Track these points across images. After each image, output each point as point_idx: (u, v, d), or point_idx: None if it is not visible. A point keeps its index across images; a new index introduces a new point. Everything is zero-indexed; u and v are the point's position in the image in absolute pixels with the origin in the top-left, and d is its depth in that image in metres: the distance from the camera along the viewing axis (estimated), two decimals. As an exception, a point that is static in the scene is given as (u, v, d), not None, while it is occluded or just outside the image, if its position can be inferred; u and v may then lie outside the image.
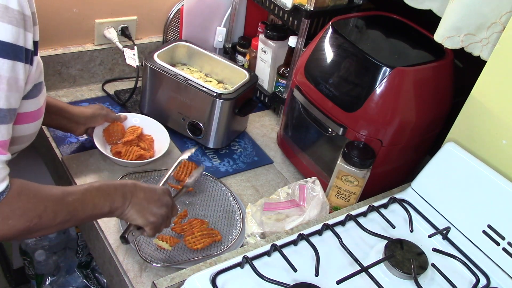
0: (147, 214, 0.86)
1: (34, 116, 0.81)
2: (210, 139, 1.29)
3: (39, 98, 0.80)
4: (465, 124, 0.99)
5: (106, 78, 1.51)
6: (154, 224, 0.88)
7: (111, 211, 0.83)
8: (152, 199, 0.87)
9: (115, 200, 0.83)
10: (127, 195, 0.84)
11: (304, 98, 1.16)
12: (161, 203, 0.88)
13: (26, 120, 0.80)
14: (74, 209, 0.77)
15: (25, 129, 0.81)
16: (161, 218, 0.88)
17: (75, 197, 0.78)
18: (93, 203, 0.80)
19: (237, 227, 1.09)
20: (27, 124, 0.80)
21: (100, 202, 0.81)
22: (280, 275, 0.79)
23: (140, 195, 0.86)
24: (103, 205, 0.81)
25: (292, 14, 1.30)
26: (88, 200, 0.79)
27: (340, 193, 1.07)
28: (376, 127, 1.05)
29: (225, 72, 1.38)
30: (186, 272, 0.82)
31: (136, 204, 0.85)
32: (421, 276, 0.84)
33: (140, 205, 0.85)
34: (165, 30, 1.56)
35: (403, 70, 1.02)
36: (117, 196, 0.83)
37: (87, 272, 1.70)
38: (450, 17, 0.93)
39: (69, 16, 1.38)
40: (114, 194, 0.83)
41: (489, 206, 0.91)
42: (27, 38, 0.69)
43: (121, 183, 0.86)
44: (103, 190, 0.82)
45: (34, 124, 0.82)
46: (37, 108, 0.81)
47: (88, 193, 0.80)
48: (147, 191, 0.88)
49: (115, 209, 0.83)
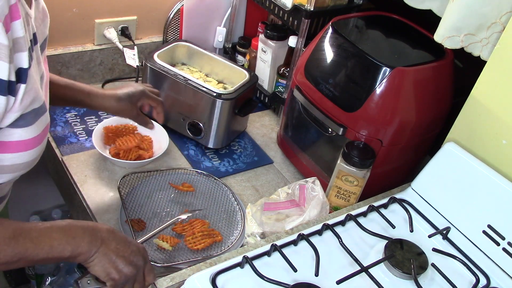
0: (111, 268, 0.77)
1: (27, 145, 0.74)
2: (210, 139, 1.29)
3: (33, 127, 0.74)
4: (465, 124, 0.99)
5: (106, 78, 1.51)
6: (116, 282, 0.78)
7: (73, 256, 0.74)
8: (122, 253, 0.78)
9: (79, 246, 0.74)
10: (96, 242, 0.76)
11: (304, 98, 1.16)
12: (129, 261, 0.78)
13: (17, 148, 0.73)
14: (24, 250, 0.70)
15: (16, 158, 0.74)
16: (124, 278, 0.78)
17: (30, 237, 0.71)
18: (51, 246, 0.72)
19: (238, 228, 1.09)
20: (19, 153, 0.74)
21: (60, 246, 0.73)
22: (280, 275, 0.79)
23: (111, 246, 0.77)
24: (63, 249, 0.73)
25: (292, 14, 1.30)
26: (45, 241, 0.71)
27: (340, 193, 1.07)
28: (376, 127, 1.05)
29: (225, 72, 1.38)
30: (186, 272, 0.82)
31: (103, 254, 0.76)
32: (421, 276, 0.84)
33: (107, 256, 0.76)
34: (165, 30, 1.56)
35: (403, 70, 1.02)
36: (84, 242, 0.74)
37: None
38: (450, 17, 0.93)
39: (69, 16, 1.38)
40: (80, 239, 0.74)
41: (489, 206, 0.91)
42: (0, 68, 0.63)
43: (94, 227, 0.77)
44: (68, 232, 0.74)
45: (28, 153, 0.75)
46: (32, 137, 0.74)
47: (47, 233, 0.72)
48: (120, 243, 0.78)
49: (78, 254, 0.74)
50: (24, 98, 0.69)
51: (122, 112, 1.12)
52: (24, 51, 0.68)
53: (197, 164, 1.27)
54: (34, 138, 0.75)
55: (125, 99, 1.10)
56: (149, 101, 1.15)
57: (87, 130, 1.29)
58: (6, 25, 0.63)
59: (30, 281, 1.80)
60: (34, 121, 0.74)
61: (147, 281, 0.82)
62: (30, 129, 0.73)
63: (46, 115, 0.77)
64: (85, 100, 1.06)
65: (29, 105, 0.71)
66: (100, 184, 1.14)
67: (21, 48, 0.67)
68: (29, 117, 0.72)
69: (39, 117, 0.75)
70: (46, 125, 0.78)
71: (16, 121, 0.70)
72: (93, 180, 1.15)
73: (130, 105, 1.11)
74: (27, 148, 0.75)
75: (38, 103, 0.74)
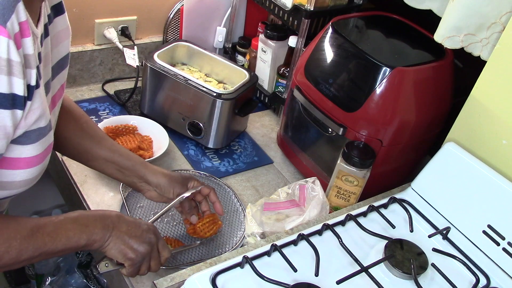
0: (127, 249, 0.81)
1: (28, 162, 0.74)
2: (210, 139, 1.29)
3: (36, 145, 0.73)
4: (465, 124, 0.99)
5: (106, 78, 1.51)
6: (133, 261, 0.82)
7: (89, 244, 0.78)
8: (134, 234, 0.82)
9: (93, 233, 0.78)
10: (109, 227, 0.79)
11: (304, 98, 1.16)
12: (142, 240, 0.82)
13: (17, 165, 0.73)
14: (43, 245, 0.73)
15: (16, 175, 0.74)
16: (140, 256, 0.82)
17: (46, 231, 0.73)
18: (67, 237, 0.75)
19: (242, 229, 1.09)
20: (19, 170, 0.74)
21: (76, 235, 0.76)
22: (280, 275, 0.79)
23: (123, 228, 0.81)
24: (79, 238, 0.76)
25: (292, 14, 1.30)
26: (61, 233, 0.75)
27: (340, 193, 1.07)
28: (376, 127, 1.05)
29: (225, 72, 1.38)
30: (186, 272, 0.82)
31: (117, 237, 0.80)
32: (421, 276, 0.84)
33: (121, 239, 0.80)
34: (165, 30, 1.56)
35: (403, 70, 1.02)
36: (97, 229, 0.78)
37: (87, 272, 1.70)
38: (450, 17, 0.93)
39: (69, 16, 1.36)
40: (93, 226, 0.78)
41: (489, 206, 0.91)
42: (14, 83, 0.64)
43: (104, 214, 0.81)
44: (81, 221, 0.77)
45: (28, 171, 0.75)
46: (34, 155, 0.74)
47: (62, 225, 0.75)
48: (131, 225, 0.83)
49: (93, 241, 0.78)
50: (28, 116, 0.69)
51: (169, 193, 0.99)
52: (33, 69, 0.68)
53: (197, 164, 1.27)
54: (36, 157, 0.75)
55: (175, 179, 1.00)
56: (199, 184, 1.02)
57: (87, 130, 1.29)
58: (17, 42, 0.64)
59: (30, 281, 1.80)
60: (38, 140, 0.73)
61: (163, 256, 0.87)
62: (32, 147, 0.73)
63: (50, 134, 0.77)
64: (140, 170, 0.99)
65: (33, 123, 0.71)
66: (100, 184, 1.14)
67: (30, 65, 0.68)
68: (33, 135, 0.72)
69: (43, 136, 0.74)
70: (49, 144, 0.77)
71: (19, 138, 0.70)
72: (93, 180, 1.15)
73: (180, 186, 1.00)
74: (28, 166, 0.74)
75: (44, 122, 0.73)
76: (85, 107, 1.38)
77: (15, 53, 0.63)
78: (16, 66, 0.64)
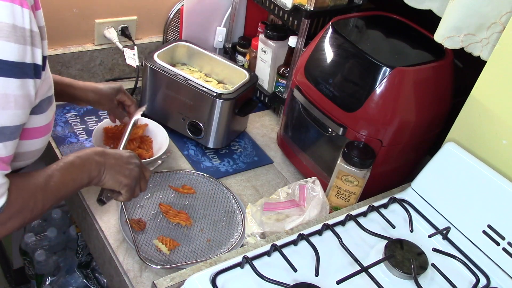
0: (121, 177, 0.89)
1: (42, 131, 0.81)
2: (210, 139, 1.29)
3: (47, 113, 0.80)
4: (465, 124, 0.99)
5: (106, 78, 1.51)
6: (129, 186, 0.91)
7: (90, 181, 0.85)
8: (122, 162, 0.90)
9: (91, 170, 0.85)
10: (100, 164, 0.86)
11: (304, 98, 1.16)
12: (131, 166, 0.91)
13: (34, 135, 0.80)
14: (58, 191, 0.80)
15: (32, 144, 0.80)
16: (134, 180, 0.91)
17: (56, 179, 0.79)
18: (73, 179, 0.82)
19: (238, 230, 1.09)
20: (35, 140, 0.80)
21: (79, 176, 0.83)
22: (280, 275, 0.79)
23: (111, 161, 0.88)
24: (82, 178, 0.84)
25: (292, 14, 1.30)
26: (67, 178, 0.81)
27: (340, 193, 1.07)
28: (376, 127, 1.05)
29: (225, 72, 1.38)
30: (186, 272, 0.82)
31: (110, 169, 0.87)
32: (421, 276, 0.84)
33: (114, 170, 0.88)
34: (165, 30, 1.56)
35: (403, 70, 1.02)
36: (92, 166, 0.85)
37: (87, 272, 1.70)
38: (450, 17, 0.93)
39: (69, 16, 1.38)
40: (89, 165, 0.85)
41: (489, 206, 0.91)
42: (35, 54, 0.70)
43: (91, 152, 0.87)
44: (78, 163, 0.84)
45: (42, 140, 0.82)
46: (46, 123, 0.81)
47: (66, 171, 0.81)
48: (116, 156, 0.90)
49: (93, 178, 0.85)
50: (43, 85, 0.75)
51: (100, 103, 1.16)
52: (45, 39, 0.74)
53: (197, 164, 1.27)
54: (47, 125, 0.81)
55: (103, 91, 1.15)
56: (124, 97, 1.19)
57: (87, 130, 1.29)
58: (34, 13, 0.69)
59: (30, 281, 1.80)
60: (48, 108, 0.80)
61: (146, 175, 0.97)
62: (44, 116, 0.79)
63: (54, 103, 0.84)
64: (67, 90, 1.10)
65: (46, 92, 0.78)
66: (100, 184, 1.14)
67: (43, 37, 0.73)
68: (44, 104, 0.78)
69: (51, 105, 0.81)
70: (54, 112, 0.84)
71: (34, 108, 0.75)
72: (93, 180, 1.15)
73: (107, 97, 1.16)
74: (42, 135, 0.81)
75: (51, 91, 0.80)
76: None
77: (35, 24, 0.68)
78: (36, 36, 0.69)
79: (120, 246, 1.01)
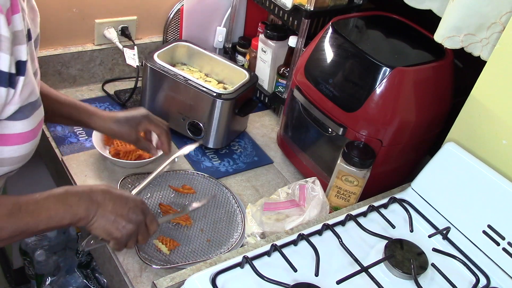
0: (112, 228, 0.80)
1: (25, 137, 0.75)
2: (210, 139, 1.29)
3: (31, 119, 0.75)
4: (465, 124, 0.99)
5: (106, 78, 1.51)
6: (118, 240, 0.82)
7: (73, 222, 0.77)
8: (121, 212, 0.81)
9: (77, 212, 0.77)
10: (93, 205, 0.78)
11: (304, 98, 1.16)
12: (128, 219, 0.81)
13: (15, 141, 0.74)
14: (24, 224, 0.72)
15: (15, 150, 0.75)
16: (126, 235, 0.82)
17: (28, 210, 0.73)
18: (49, 216, 0.74)
19: (238, 230, 1.09)
20: (17, 146, 0.75)
21: (58, 214, 0.75)
22: (280, 275, 0.79)
23: (108, 207, 0.80)
24: (62, 217, 0.75)
25: (292, 14, 1.30)
26: (43, 213, 0.74)
27: (340, 193, 1.07)
28: (376, 127, 1.05)
29: (225, 72, 1.38)
30: (186, 272, 0.82)
31: (102, 216, 0.79)
32: (421, 276, 0.84)
33: (106, 218, 0.79)
34: (165, 30, 1.56)
35: (403, 70, 1.02)
36: (81, 208, 0.77)
37: (87, 272, 1.70)
38: (450, 17, 0.93)
39: (69, 16, 1.38)
40: (76, 206, 0.77)
41: (489, 206, 0.91)
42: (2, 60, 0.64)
43: (89, 190, 0.79)
44: (64, 200, 0.76)
45: (25, 146, 0.76)
46: (30, 129, 0.75)
47: (44, 204, 0.74)
48: (118, 201, 0.81)
49: (78, 220, 0.77)
50: (23, 91, 0.71)
51: (121, 135, 1.07)
52: (23, 44, 0.69)
53: (197, 164, 1.27)
54: (31, 131, 0.76)
55: (123, 122, 1.06)
56: (151, 127, 1.10)
57: (87, 130, 1.29)
58: (8, 18, 0.65)
59: (30, 281, 1.80)
60: (31, 114, 0.75)
61: (151, 229, 0.87)
62: (27, 121, 0.74)
63: (41, 109, 0.79)
64: (87, 120, 1.05)
65: (27, 98, 0.73)
66: (100, 184, 1.14)
67: (20, 41, 0.69)
68: (26, 110, 0.73)
69: (35, 110, 0.76)
70: (41, 118, 0.79)
71: (14, 114, 0.71)
72: (93, 180, 1.15)
73: (128, 128, 1.07)
74: (24, 141, 0.76)
75: (34, 97, 0.75)
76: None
77: (5, 29, 0.64)
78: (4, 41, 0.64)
79: (120, 246, 1.00)
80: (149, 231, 0.87)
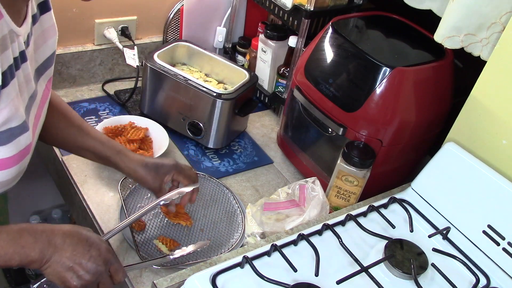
0: (67, 276, 0.74)
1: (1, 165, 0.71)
2: (210, 139, 1.29)
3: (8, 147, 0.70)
4: (465, 124, 0.99)
5: (106, 78, 1.51)
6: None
7: (23, 264, 0.71)
8: (79, 259, 0.74)
9: (29, 254, 0.71)
10: (49, 249, 0.72)
11: (304, 98, 1.16)
12: (87, 269, 0.75)
13: None
14: None
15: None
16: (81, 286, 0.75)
17: None
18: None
19: (239, 230, 1.09)
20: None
21: (7, 255, 0.70)
22: (280, 275, 0.79)
23: (67, 253, 0.74)
24: (10, 258, 0.70)
25: (292, 14, 1.30)
26: None
27: (340, 193, 1.07)
28: (376, 127, 1.05)
29: (225, 72, 1.38)
30: (186, 272, 0.82)
31: (57, 262, 0.73)
32: (421, 276, 0.84)
33: (62, 264, 0.73)
34: (165, 30, 1.56)
35: (403, 70, 1.02)
36: (33, 251, 0.71)
37: (87, 272, 1.70)
38: (450, 17, 0.93)
39: (69, 16, 1.38)
40: (30, 247, 0.71)
41: (489, 206, 0.91)
42: None
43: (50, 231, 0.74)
44: (17, 239, 0.71)
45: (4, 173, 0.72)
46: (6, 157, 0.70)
47: None
48: (79, 247, 0.75)
49: (29, 262, 0.72)
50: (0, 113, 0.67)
51: (146, 181, 0.99)
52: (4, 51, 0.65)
53: (197, 164, 1.27)
54: (10, 158, 0.71)
55: (151, 168, 0.99)
56: (179, 178, 1.01)
57: (87, 130, 1.29)
58: None
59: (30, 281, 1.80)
60: (10, 141, 0.70)
61: (116, 280, 0.80)
62: (4, 148, 0.70)
63: (26, 136, 0.73)
64: (113, 157, 0.99)
65: (2, 124, 0.68)
66: (100, 184, 1.14)
67: None
68: (3, 137, 0.69)
69: (16, 137, 0.71)
70: (25, 145, 0.74)
71: None
72: (93, 180, 1.15)
73: (155, 175, 0.99)
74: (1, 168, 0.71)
75: (15, 123, 0.70)
76: (85, 107, 1.38)
77: None
78: None
79: (120, 246, 1.00)
80: (114, 281, 0.80)
